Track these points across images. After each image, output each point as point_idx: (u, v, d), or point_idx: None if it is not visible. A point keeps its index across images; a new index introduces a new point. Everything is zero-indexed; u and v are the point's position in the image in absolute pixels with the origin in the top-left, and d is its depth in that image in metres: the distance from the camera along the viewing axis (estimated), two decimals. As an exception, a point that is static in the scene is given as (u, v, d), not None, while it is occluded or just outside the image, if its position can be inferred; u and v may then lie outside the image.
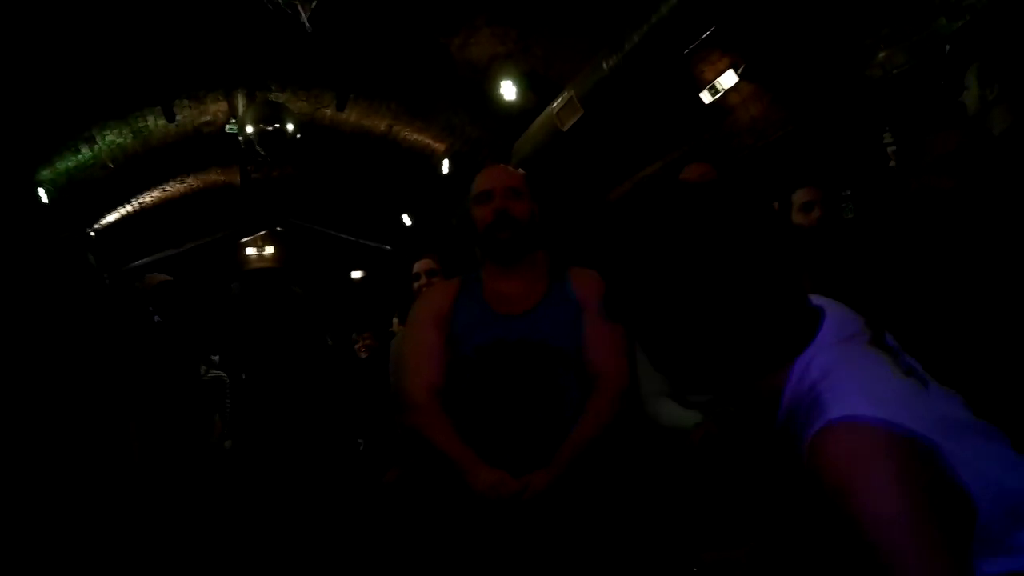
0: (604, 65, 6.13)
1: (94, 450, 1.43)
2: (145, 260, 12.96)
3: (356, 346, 7.35)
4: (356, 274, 16.10)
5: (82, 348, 1.47)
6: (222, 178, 12.64)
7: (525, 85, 7.73)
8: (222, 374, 5.08)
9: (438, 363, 2.29)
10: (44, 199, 9.07)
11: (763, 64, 5.92)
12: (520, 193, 2.32)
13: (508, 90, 7.80)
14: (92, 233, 11.44)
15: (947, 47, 3.96)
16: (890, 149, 4.65)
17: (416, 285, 4.11)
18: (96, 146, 9.38)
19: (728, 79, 6.01)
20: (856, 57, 5.03)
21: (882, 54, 4.65)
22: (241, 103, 9.35)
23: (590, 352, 2.19)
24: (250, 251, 15.99)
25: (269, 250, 16.08)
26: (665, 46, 5.47)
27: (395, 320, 6.53)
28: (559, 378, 2.18)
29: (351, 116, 10.24)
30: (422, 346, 2.34)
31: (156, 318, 3.78)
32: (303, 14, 5.23)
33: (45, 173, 9.11)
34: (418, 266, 4.13)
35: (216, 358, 6.97)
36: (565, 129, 7.07)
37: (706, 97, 6.25)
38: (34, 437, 1.34)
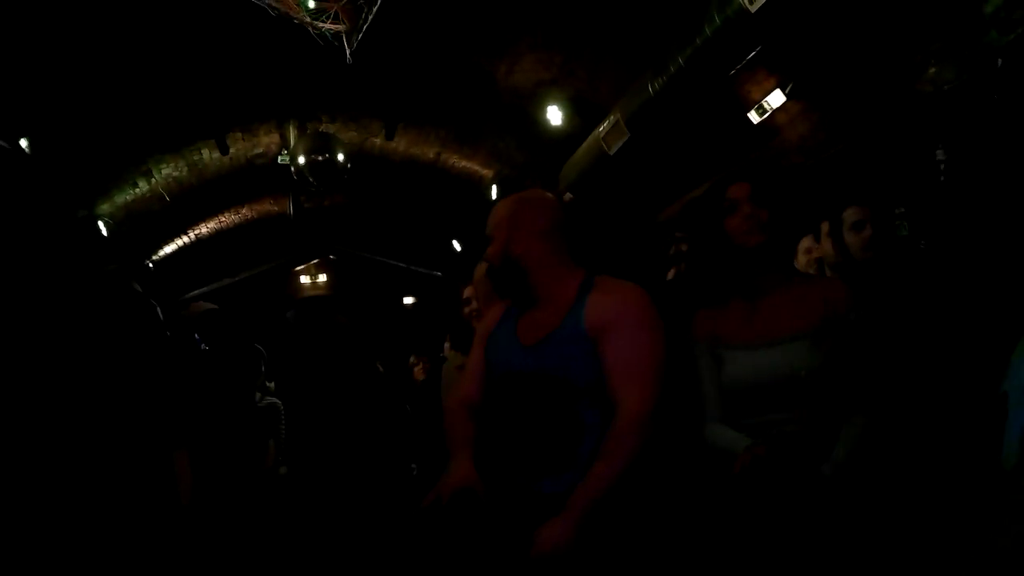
0: (650, 88, 6.13)
1: (138, 481, 1.45)
2: (201, 290, 13.21)
3: (415, 369, 7.42)
4: (408, 300, 16.21)
5: (124, 377, 1.50)
6: (275, 208, 12.87)
7: (570, 109, 7.77)
8: (276, 401, 5.15)
9: (478, 380, 2.36)
10: (104, 232, 9.33)
11: (811, 82, 5.87)
12: (491, 237, 2.35)
13: (554, 115, 7.85)
14: (150, 264, 11.71)
15: (999, 61, 3.89)
16: (942, 165, 4.57)
17: (467, 310, 4.12)
18: (153, 179, 9.63)
19: (776, 99, 5.97)
20: (906, 73, 4.97)
21: (932, 70, 4.58)
22: (292, 134, 9.55)
23: (608, 380, 2.11)
24: (303, 279, 16.21)
25: (322, 278, 16.29)
26: (710, 67, 5.46)
27: (446, 345, 6.55)
28: (570, 411, 2.13)
29: (400, 145, 10.38)
30: (468, 364, 2.43)
31: (203, 346, 3.84)
32: (347, 47, 5.33)
33: (104, 207, 9.37)
34: (467, 291, 4.14)
35: (271, 384, 7.07)
36: (612, 153, 7.08)
37: (754, 117, 6.22)
38: (74, 468, 1.37)
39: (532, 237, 2.31)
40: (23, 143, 6.45)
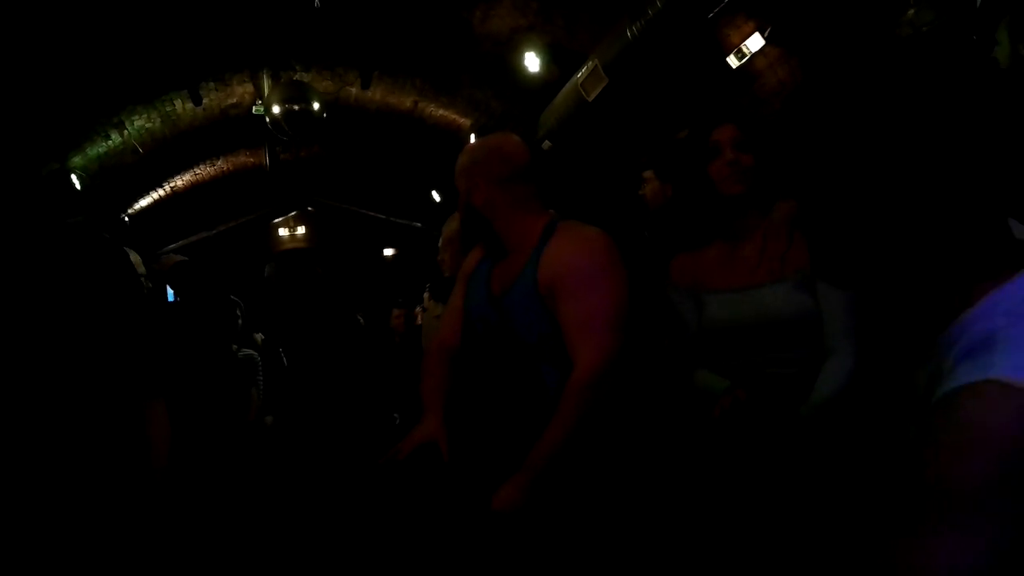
0: (628, 32, 6.06)
1: (108, 436, 1.44)
2: (178, 243, 13.11)
3: (396, 321, 7.43)
4: (388, 252, 16.17)
5: (91, 323, 1.48)
6: (251, 160, 12.72)
7: (548, 57, 7.67)
8: (253, 352, 5.14)
9: (456, 324, 2.39)
10: (77, 186, 9.19)
11: (789, 27, 5.82)
12: (456, 189, 2.33)
13: (531, 62, 7.75)
14: (125, 218, 11.59)
15: (977, 2, 3.86)
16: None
17: (439, 258, 4.15)
18: (126, 132, 9.48)
19: (754, 43, 5.91)
20: (884, 16, 4.93)
21: (911, 11, 4.54)
22: (266, 84, 9.40)
23: (565, 335, 2.08)
24: (282, 232, 16.11)
25: (301, 230, 16.19)
26: (689, 10, 5.40)
27: (426, 295, 6.56)
28: (529, 369, 2.14)
29: (376, 94, 10.25)
30: (449, 306, 2.46)
31: (175, 298, 3.81)
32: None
33: (76, 160, 9.23)
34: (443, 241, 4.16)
35: (259, 336, 7.06)
36: (591, 99, 7.02)
37: (732, 62, 6.16)
38: (36, 427, 1.35)
39: (492, 185, 2.26)
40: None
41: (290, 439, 5.36)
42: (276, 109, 8.39)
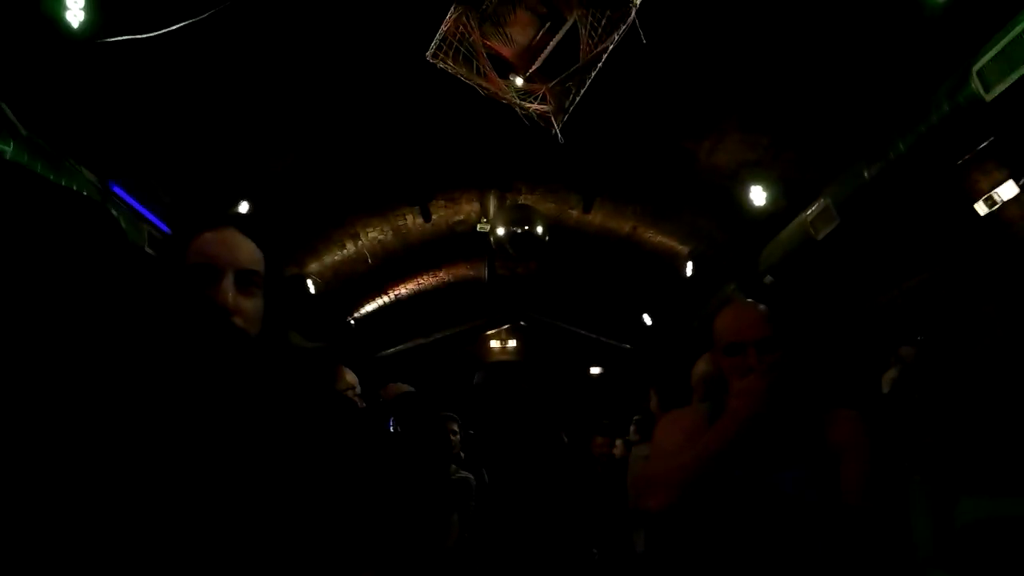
0: (865, 173, 5.83)
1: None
2: (396, 348, 13.72)
3: (597, 450, 7.26)
4: (595, 370, 16.13)
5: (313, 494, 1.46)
6: (470, 272, 13.22)
7: (775, 191, 7.51)
8: (469, 476, 5.15)
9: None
10: (312, 290, 9.89)
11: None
12: (774, 343, 2.14)
13: (757, 195, 7.62)
14: (352, 321, 12.29)
15: None
16: None
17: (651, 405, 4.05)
18: (359, 241, 10.14)
19: (1007, 190, 5.49)
20: None
21: None
22: (492, 204, 9.80)
23: (844, 495, 1.98)
24: (494, 344, 16.50)
25: (512, 343, 16.51)
26: (935, 156, 5.12)
27: (632, 428, 6.40)
28: (809, 536, 1.97)
29: (596, 218, 10.42)
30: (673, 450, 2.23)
31: (395, 429, 3.88)
32: (556, 127, 5.39)
33: (313, 266, 9.94)
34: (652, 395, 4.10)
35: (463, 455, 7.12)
36: (819, 238, 6.76)
37: (981, 208, 5.74)
38: None
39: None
40: (244, 205, 6.93)
41: (485, 568, 5.28)
42: (501, 231, 8.69)
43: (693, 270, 10.29)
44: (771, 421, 2.02)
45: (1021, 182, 5.40)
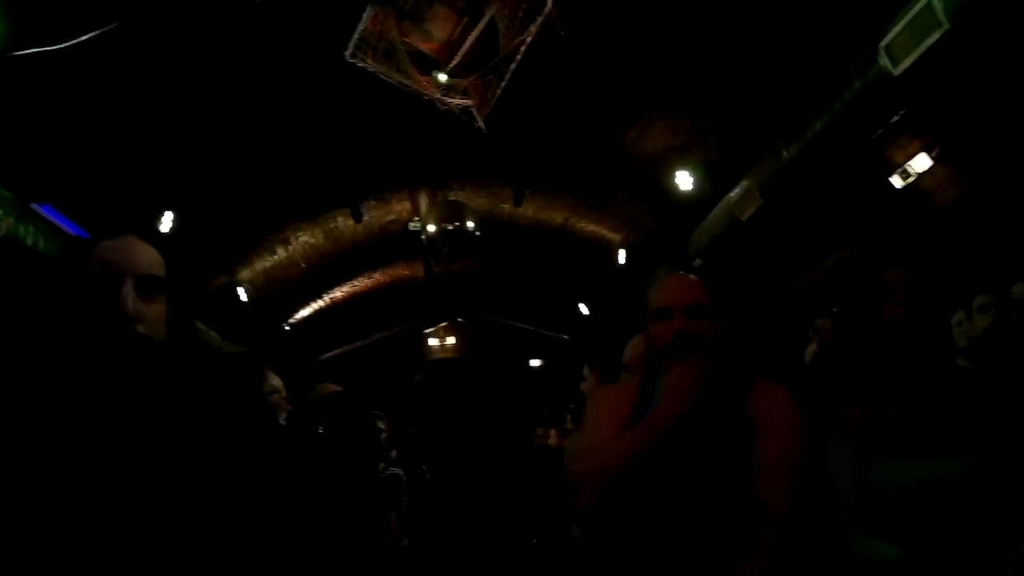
0: (784, 153, 5.94)
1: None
2: (335, 352, 13.60)
3: (539, 440, 7.30)
4: (535, 362, 16.20)
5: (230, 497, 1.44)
6: (406, 272, 13.16)
7: (701, 175, 7.62)
8: (399, 471, 5.11)
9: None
10: (243, 297, 9.73)
11: (961, 146, 5.53)
12: (703, 311, 2.13)
13: (684, 180, 7.71)
14: (287, 327, 12.14)
15: None
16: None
17: (583, 386, 4.06)
18: (290, 246, 10.00)
19: (921, 163, 5.65)
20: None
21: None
22: (424, 201, 9.75)
23: (760, 475, 1.98)
24: (432, 342, 16.46)
25: (451, 340, 16.49)
26: (850, 132, 5.23)
27: (568, 417, 6.44)
28: (725, 513, 1.99)
29: (528, 210, 10.44)
30: (603, 433, 2.16)
31: (323, 430, 3.84)
32: (479, 119, 5.38)
33: (244, 273, 9.78)
34: (587, 371, 4.09)
35: (394, 454, 7.07)
36: (744, 219, 6.87)
37: (897, 182, 5.90)
38: None
39: (725, 326, 2.22)
40: (168, 215, 6.79)
41: (425, 563, 5.25)
42: (432, 228, 8.67)
43: (627, 257, 10.38)
44: (699, 418, 2.01)
45: (934, 154, 5.56)
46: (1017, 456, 1.93)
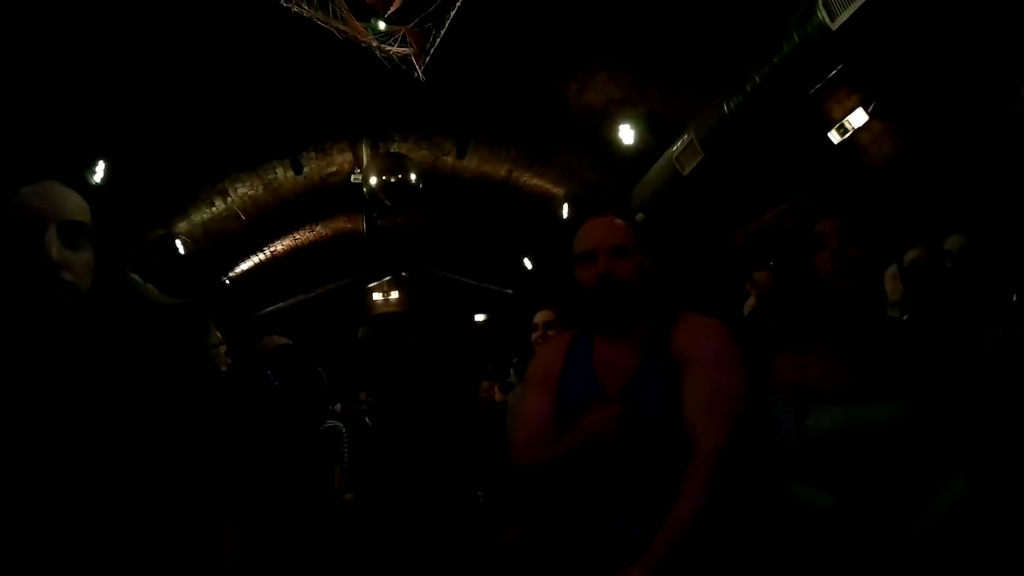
0: (725, 107, 5.96)
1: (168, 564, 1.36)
2: (277, 306, 13.44)
3: (484, 394, 7.32)
4: (479, 317, 16.22)
5: (168, 446, 1.42)
6: (349, 226, 13.01)
7: (643, 128, 7.62)
8: (339, 424, 5.08)
9: (548, 430, 2.18)
10: (181, 250, 9.52)
11: (896, 101, 5.61)
12: (627, 251, 2.13)
13: (626, 133, 7.71)
14: (226, 281, 11.94)
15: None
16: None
17: (534, 336, 4.00)
18: (229, 198, 9.80)
19: (858, 118, 5.72)
20: (1002, 91, 4.70)
21: (1029, 86, 4.32)
22: (365, 153, 9.62)
23: (686, 411, 1.98)
24: (376, 296, 16.35)
25: (394, 295, 16.40)
26: (788, 86, 5.26)
27: (512, 371, 6.46)
28: (658, 450, 2.01)
29: (471, 163, 10.37)
30: (533, 409, 2.24)
31: (274, 383, 3.82)
32: (418, 69, 5.31)
33: (181, 225, 9.57)
34: (537, 317, 4.02)
35: (337, 407, 7.04)
36: (685, 173, 6.91)
37: (834, 137, 5.97)
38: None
39: (651, 265, 2.21)
40: (101, 164, 6.58)
41: (370, 517, 5.27)
42: (374, 180, 8.56)
43: (570, 212, 10.40)
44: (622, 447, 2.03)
45: (870, 109, 5.63)
46: (945, 401, 1.99)
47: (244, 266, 12.60)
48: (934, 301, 3.19)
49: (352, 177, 9.88)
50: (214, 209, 9.88)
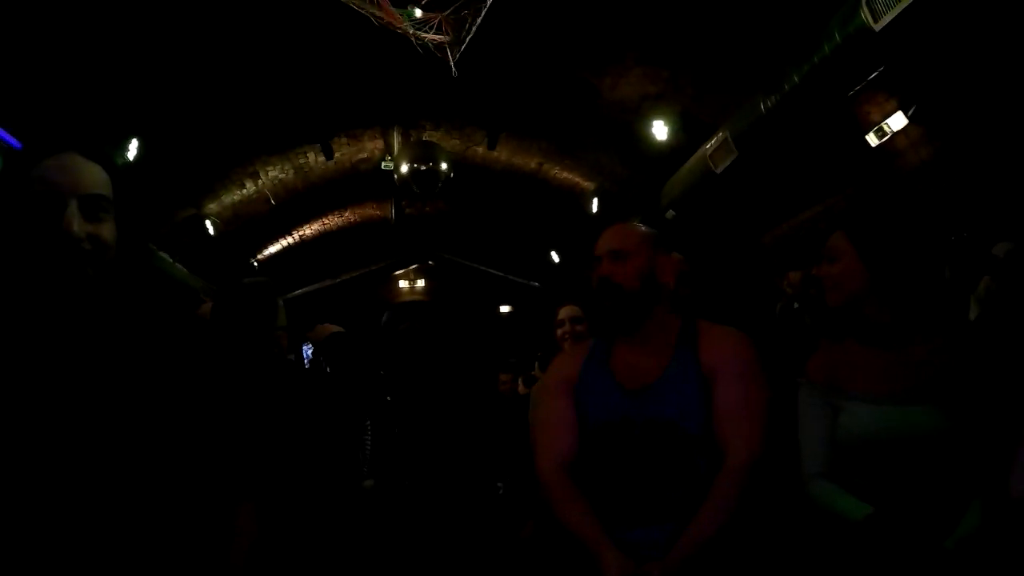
0: (761, 106, 5.88)
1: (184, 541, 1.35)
2: (303, 290, 13.50)
3: (502, 387, 7.28)
4: (504, 309, 16.21)
5: (187, 424, 1.40)
6: (377, 212, 13.03)
7: (676, 125, 7.55)
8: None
9: (568, 435, 2.18)
10: (211, 231, 9.59)
11: (935, 105, 5.51)
12: (625, 255, 2.16)
13: (659, 130, 7.65)
14: (255, 263, 12.01)
15: None
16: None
17: (560, 332, 3.96)
18: (259, 180, 9.84)
19: (896, 121, 5.63)
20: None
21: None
22: (396, 141, 9.62)
23: (718, 422, 2.02)
24: (402, 284, 16.39)
25: (420, 283, 16.43)
26: (828, 86, 5.18)
27: (536, 365, 6.43)
28: (687, 461, 2.02)
29: (502, 154, 10.34)
30: (552, 416, 2.24)
31: (327, 369, 3.81)
32: (451, 58, 5.28)
33: (212, 207, 9.62)
34: (563, 312, 3.99)
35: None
36: (718, 171, 6.84)
37: (872, 140, 5.88)
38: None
39: (672, 271, 2.22)
40: (134, 142, 6.61)
41: (389, 506, 5.26)
42: (404, 168, 8.56)
43: (599, 206, 10.34)
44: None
45: (910, 113, 5.53)
46: (987, 410, 1.94)
47: (272, 249, 12.67)
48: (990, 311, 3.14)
49: (383, 164, 9.89)
50: (244, 191, 9.94)
